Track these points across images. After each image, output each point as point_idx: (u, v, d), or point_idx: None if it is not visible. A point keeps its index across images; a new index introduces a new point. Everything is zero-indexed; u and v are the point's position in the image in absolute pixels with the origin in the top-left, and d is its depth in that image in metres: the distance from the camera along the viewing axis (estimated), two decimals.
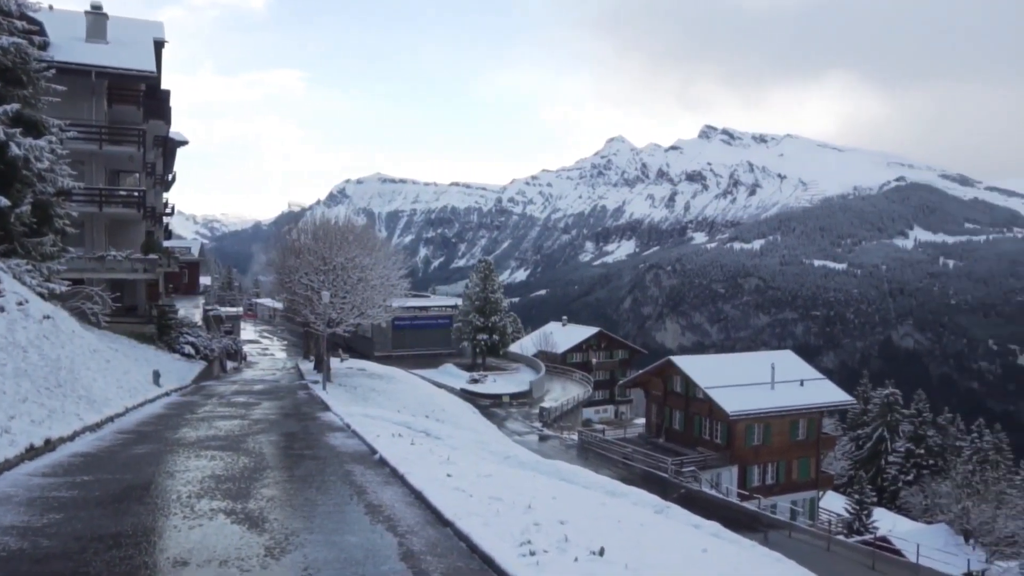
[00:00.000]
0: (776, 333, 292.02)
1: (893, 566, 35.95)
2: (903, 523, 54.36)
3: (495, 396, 63.76)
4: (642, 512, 11.89)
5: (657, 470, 45.20)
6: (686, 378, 50.33)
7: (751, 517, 40.16)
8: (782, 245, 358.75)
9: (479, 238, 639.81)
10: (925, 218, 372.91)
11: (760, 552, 12.00)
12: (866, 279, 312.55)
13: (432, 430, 22.45)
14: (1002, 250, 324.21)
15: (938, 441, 71.47)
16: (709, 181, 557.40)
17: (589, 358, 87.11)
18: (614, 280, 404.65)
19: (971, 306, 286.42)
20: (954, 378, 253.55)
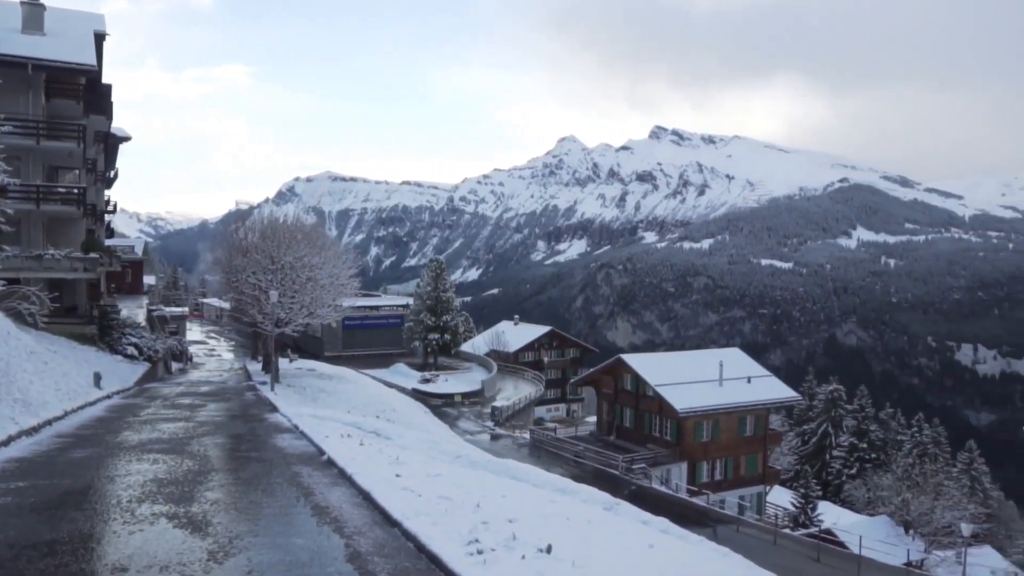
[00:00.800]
0: (725, 331, 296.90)
1: (837, 558, 36.80)
2: (847, 516, 55.60)
3: (447, 396, 63.48)
4: (591, 509, 11.96)
5: (608, 467, 45.52)
6: (636, 376, 50.82)
7: (700, 512, 40.72)
8: (730, 245, 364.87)
9: (431, 237, 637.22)
10: (867, 218, 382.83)
11: (707, 547, 12.16)
12: (811, 278, 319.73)
13: (382, 430, 22.27)
14: (940, 250, 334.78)
15: (880, 435, 73.44)
16: (659, 181, 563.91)
17: (541, 357, 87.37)
18: (566, 279, 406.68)
19: (911, 304, 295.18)
20: (895, 374, 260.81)
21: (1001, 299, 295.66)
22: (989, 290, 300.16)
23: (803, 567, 33.17)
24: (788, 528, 46.75)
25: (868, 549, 37.27)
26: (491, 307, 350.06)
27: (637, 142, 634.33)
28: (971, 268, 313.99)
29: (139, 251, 66.88)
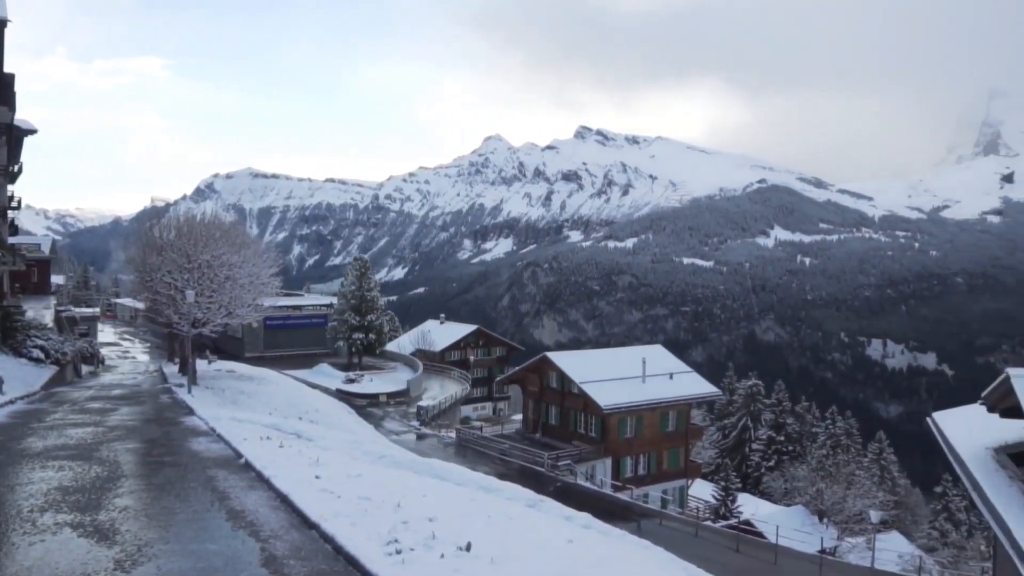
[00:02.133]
0: (648, 328, 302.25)
1: (755, 547, 37.85)
2: (765, 506, 57.32)
3: (372, 396, 62.82)
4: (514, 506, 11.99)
5: (534, 465, 45.74)
6: (562, 374, 51.21)
7: (624, 507, 41.31)
8: (654, 243, 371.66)
9: (355, 235, 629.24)
10: (784, 218, 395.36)
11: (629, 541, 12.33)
12: (731, 276, 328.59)
13: (304, 432, 21.88)
14: (852, 249, 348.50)
15: (796, 428, 75.98)
16: (584, 181, 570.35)
17: (467, 356, 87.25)
18: (492, 278, 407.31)
19: (825, 301, 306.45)
20: (811, 369, 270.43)
21: (908, 296, 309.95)
22: (897, 287, 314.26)
23: (723, 558, 33.99)
24: (709, 520, 47.87)
25: (784, 538, 38.45)
26: (417, 306, 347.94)
27: (563, 142, 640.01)
28: (880, 266, 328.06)
29: (46, 249, 63.97)
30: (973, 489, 15.88)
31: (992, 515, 14.20)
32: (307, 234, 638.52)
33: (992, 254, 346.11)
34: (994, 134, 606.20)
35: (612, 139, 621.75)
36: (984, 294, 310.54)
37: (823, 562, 36.56)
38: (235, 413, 24.82)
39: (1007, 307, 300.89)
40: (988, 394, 16.65)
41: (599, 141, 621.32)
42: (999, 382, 15.64)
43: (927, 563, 45.27)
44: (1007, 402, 15.46)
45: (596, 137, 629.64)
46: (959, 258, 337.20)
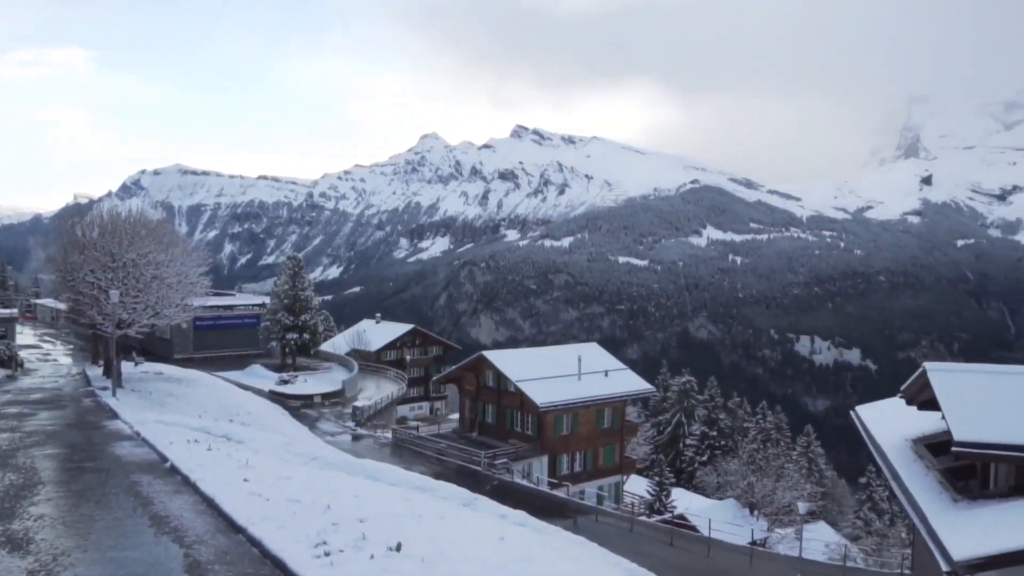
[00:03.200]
0: (585, 327, 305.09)
1: (689, 541, 38.52)
2: (699, 500, 58.35)
3: (306, 397, 61.84)
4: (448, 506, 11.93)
5: (471, 464, 45.63)
6: (498, 372, 51.21)
7: (560, 504, 41.54)
8: (590, 243, 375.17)
9: (289, 234, 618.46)
10: (716, 218, 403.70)
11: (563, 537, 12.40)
12: (665, 275, 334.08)
13: (234, 434, 21.39)
14: (781, 248, 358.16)
15: (728, 423, 77.66)
16: (521, 180, 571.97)
17: (404, 355, 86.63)
18: (429, 277, 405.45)
19: (756, 299, 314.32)
20: (742, 365, 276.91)
21: (834, 294, 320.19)
22: (824, 285, 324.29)
23: (657, 552, 34.50)
24: (644, 515, 48.54)
25: (717, 531, 39.20)
26: (353, 306, 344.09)
27: (499, 141, 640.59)
28: (808, 265, 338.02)
29: None
30: (892, 479, 16.47)
31: (909, 503, 14.75)
32: (239, 232, 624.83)
33: (912, 253, 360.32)
34: (914, 138, 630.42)
35: (548, 139, 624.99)
36: (905, 292, 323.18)
37: (753, 553, 37.42)
38: (162, 416, 24.11)
39: (925, 304, 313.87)
40: (906, 388, 17.31)
41: (536, 140, 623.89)
42: (916, 376, 16.28)
43: (852, 551, 46.74)
44: (924, 395, 16.11)
45: (533, 136, 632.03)
46: (881, 257, 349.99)
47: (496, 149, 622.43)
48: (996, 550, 11.22)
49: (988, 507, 13.10)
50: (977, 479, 15.56)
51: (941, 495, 14.26)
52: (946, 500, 13.97)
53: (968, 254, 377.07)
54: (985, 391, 14.32)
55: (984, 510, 13.03)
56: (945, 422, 13.85)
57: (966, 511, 13.23)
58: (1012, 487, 13.54)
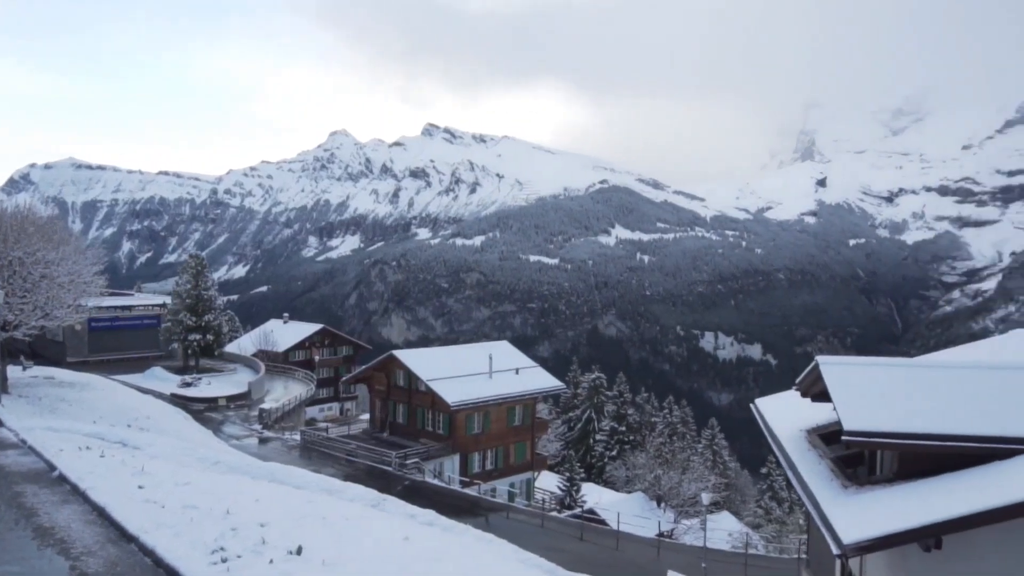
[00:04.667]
0: (497, 325, 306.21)
1: (598, 535, 39.21)
2: (608, 495, 59.43)
3: (210, 399, 60.16)
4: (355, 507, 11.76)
5: (382, 464, 45.27)
6: (409, 372, 50.93)
7: (472, 502, 41.65)
8: (501, 241, 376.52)
9: (192, 232, 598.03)
10: (624, 217, 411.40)
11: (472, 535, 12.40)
12: (575, 273, 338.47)
13: (130, 440, 20.52)
14: (686, 247, 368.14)
15: (637, 418, 79.32)
16: (432, 178, 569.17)
17: (312, 356, 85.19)
18: (339, 276, 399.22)
19: (662, 297, 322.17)
20: (650, 361, 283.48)
21: (736, 291, 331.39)
22: (727, 283, 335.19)
23: (568, 546, 34.97)
24: (555, 511, 49.11)
25: (625, 524, 40.05)
26: (260, 305, 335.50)
27: (410, 139, 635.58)
28: (712, 264, 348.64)
29: None
30: (788, 468, 17.14)
31: (803, 490, 15.38)
32: (138, 230, 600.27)
33: (808, 252, 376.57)
34: (810, 141, 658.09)
35: (460, 137, 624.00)
36: (802, 289, 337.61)
37: (660, 545, 38.39)
38: (52, 423, 22.91)
39: (821, 300, 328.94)
40: (800, 381, 18.04)
41: (447, 139, 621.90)
42: (809, 370, 16.98)
43: (753, 539, 48.56)
44: (817, 387, 16.81)
45: (444, 135, 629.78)
46: (780, 256, 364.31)
47: (407, 147, 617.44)
48: (880, 533, 11.81)
49: (874, 492, 13.78)
50: (865, 466, 16.38)
51: (832, 482, 14.92)
52: (837, 487, 14.62)
53: (859, 253, 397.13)
54: (872, 382, 15.05)
55: (871, 495, 13.70)
56: (836, 413, 14.48)
57: (854, 497, 13.89)
58: (896, 473, 14.28)
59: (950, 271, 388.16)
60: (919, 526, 11.72)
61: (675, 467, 56.88)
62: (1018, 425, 13.49)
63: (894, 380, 15.25)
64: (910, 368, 16.25)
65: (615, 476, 64.11)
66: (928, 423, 13.72)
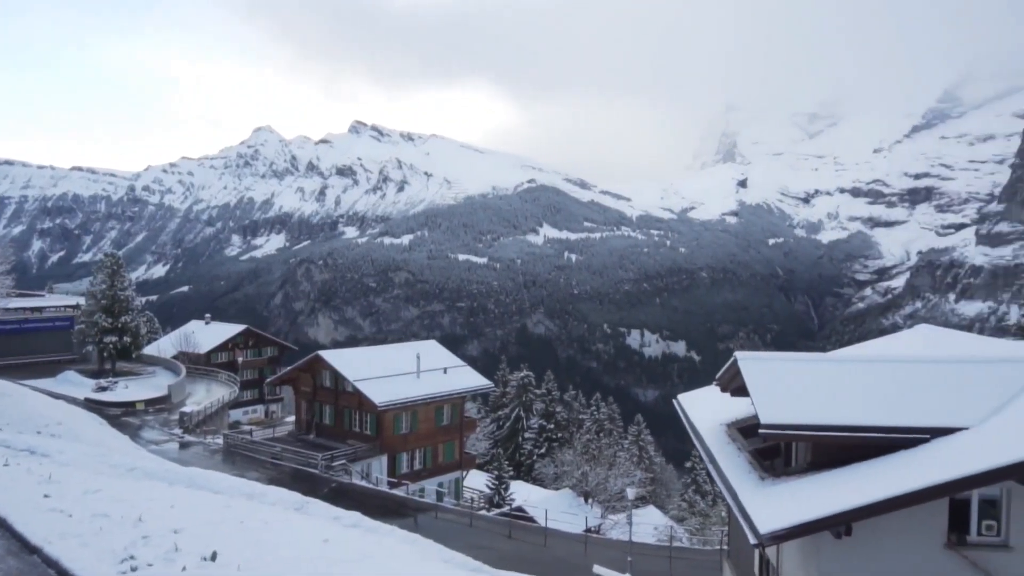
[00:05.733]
0: (426, 324, 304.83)
1: (527, 532, 39.40)
2: (537, 492, 59.69)
3: (127, 404, 58.30)
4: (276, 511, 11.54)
5: (308, 467, 44.55)
6: (335, 372, 50.24)
7: (400, 503, 41.37)
8: (429, 240, 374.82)
9: (108, 230, 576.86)
10: (552, 216, 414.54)
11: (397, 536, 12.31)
12: (504, 272, 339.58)
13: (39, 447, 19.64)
14: (613, 246, 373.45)
15: (565, 416, 79.99)
16: (359, 176, 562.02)
17: (236, 357, 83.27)
18: (263, 275, 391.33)
19: (590, 295, 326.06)
20: (578, 359, 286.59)
21: (661, 289, 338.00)
22: (652, 281, 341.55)
23: (496, 544, 35.05)
24: (484, 509, 49.13)
25: (553, 521, 40.32)
26: (180, 306, 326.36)
27: (337, 136, 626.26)
28: (638, 262, 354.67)
29: None
30: (709, 461, 17.60)
31: (723, 483, 15.81)
32: (50, 228, 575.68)
33: (730, 251, 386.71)
34: (731, 143, 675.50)
35: (387, 135, 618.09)
36: (724, 287, 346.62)
37: (588, 540, 38.81)
38: None
39: (742, 298, 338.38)
40: (720, 376, 18.55)
41: (374, 137, 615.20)
42: (728, 366, 17.48)
43: (678, 532, 49.50)
44: (736, 382, 17.31)
45: (371, 132, 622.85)
46: (703, 254, 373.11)
47: (334, 144, 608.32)
48: (794, 522, 12.25)
49: (790, 483, 14.28)
50: (782, 458, 16.94)
51: (750, 474, 15.40)
52: (755, 479, 15.09)
53: (778, 252, 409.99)
54: (788, 377, 15.58)
55: (786, 486, 14.19)
56: (754, 407, 14.94)
57: (771, 487, 14.35)
58: (810, 463, 14.82)
59: (862, 269, 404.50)
60: (830, 514, 12.20)
61: (602, 463, 57.58)
62: (921, 415, 14.16)
63: (808, 375, 15.81)
64: (823, 363, 16.88)
65: (544, 473, 64.50)
66: (839, 415, 14.28)
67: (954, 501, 12.93)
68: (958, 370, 15.44)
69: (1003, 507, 13.03)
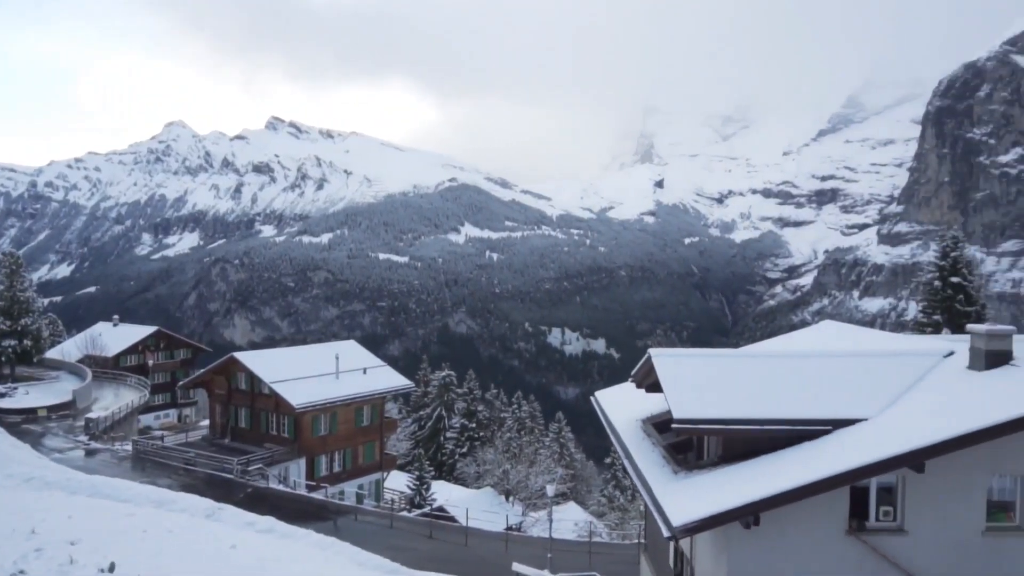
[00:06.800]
0: (346, 324, 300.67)
1: (448, 532, 39.30)
2: (459, 491, 59.62)
3: (28, 411, 55.74)
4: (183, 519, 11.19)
5: (223, 472, 43.38)
6: (251, 374, 49.03)
7: (319, 506, 40.71)
8: (349, 239, 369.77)
9: (7, 228, 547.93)
10: (474, 215, 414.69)
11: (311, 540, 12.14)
12: (426, 271, 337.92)
13: None
14: (534, 245, 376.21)
15: (487, 415, 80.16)
16: (277, 173, 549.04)
17: (146, 360, 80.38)
18: (176, 275, 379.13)
19: (511, 294, 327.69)
20: (500, 357, 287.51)
21: (581, 288, 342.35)
22: (572, 280, 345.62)
23: (416, 545, 34.85)
24: (405, 510, 48.78)
25: (474, 520, 40.35)
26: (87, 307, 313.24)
27: (253, 132, 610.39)
28: (559, 261, 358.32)
29: None
30: (625, 456, 17.91)
31: (638, 477, 16.12)
32: None
33: (647, 250, 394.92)
34: (649, 144, 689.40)
35: (306, 132, 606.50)
36: (642, 285, 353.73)
37: (508, 538, 38.97)
38: None
39: (660, 296, 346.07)
40: (635, 373, 18.91)
41: (292, 133, 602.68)
42: (643, 362, 17.84)
43: (598, 527, 50.25)
44: (650, 379, 17.67)
45: (289, 129, 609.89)
46: (622, 253, 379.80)
47: (250, 141, 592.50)
48: (705, 514, 12.59)
49: (701, 476, 14.66)
50: (694, 451, 17.38)
51: (664, 468, 15.74)
52: (668, 473, 15.43)
53: (694, 251, 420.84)
54: (699, 373, 15.99)
55: (698, 479, 14.57)
56: (667, 402, 15.28)
57: (684, 481, 14.71)
58: (721, 456, 15.25)
59: (773, 268, 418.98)
60: (739, 505, 12.58)
61: (523, 461, 57.97)
62: (824, 408, 14.76)
63: (719, 370, 16.26)
64: (733, 359, 17.39)
65: (465, 473, 64.51)
66: (747, 409, 14.75)
67: (854, 489, 13.51)
68: (858, 364, 16.15)
69: (899, 493, 13.69)
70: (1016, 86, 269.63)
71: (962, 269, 38.34)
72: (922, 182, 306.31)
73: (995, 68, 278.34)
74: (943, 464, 13.06)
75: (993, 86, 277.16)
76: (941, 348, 16.77)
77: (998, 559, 13.52)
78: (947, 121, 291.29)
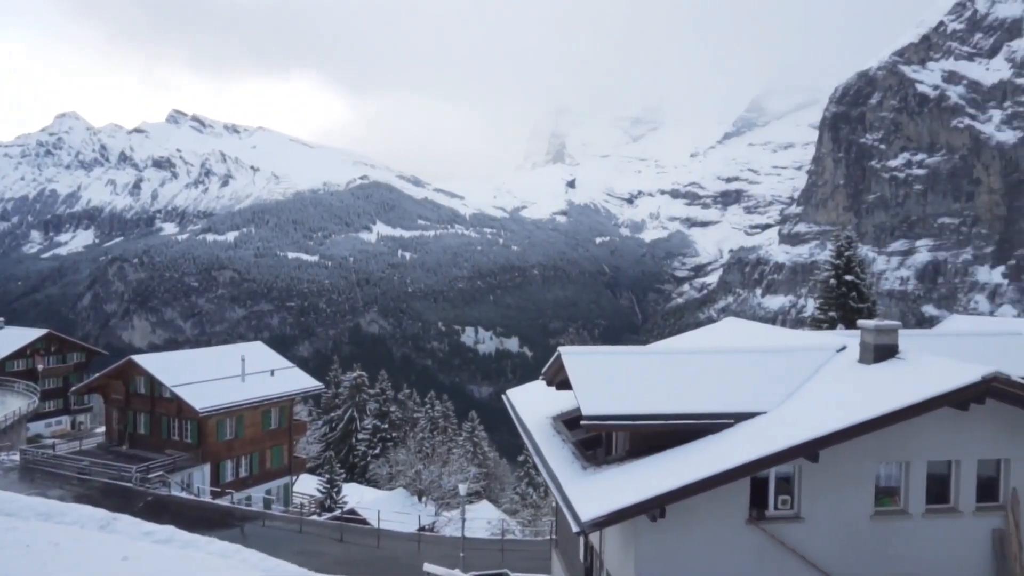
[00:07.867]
0: (253, 325, 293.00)
1: (359, 535, 38.75)
2: (371, 493, 59.00)
3: None
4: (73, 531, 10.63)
5: (120, 480, 41.61)
6: (151, 378, 47.13)
7: (225, 513, 39.55)
8: (256, 237, 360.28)
9: None
10: (386, 214, 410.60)
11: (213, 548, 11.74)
12: (336, 270, 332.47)
13: None
14: (447, 244, 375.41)
15: (400, 415, 79.45)
16: (179, 169, 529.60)
17: (36, 364, 76.18)
18: (69, 275, 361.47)
19: (424, 293, 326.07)
20: (413, 357, 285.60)
21: (495, 287, 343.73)
22: (485, 279, 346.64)
23: (326, 549, 34.26)
24: (315, 514, 47.90)
25: (387, 521, 39.98)
26: None
27: (153, 125, 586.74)
28: (472, 260, 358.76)
29: None
30: (535, 453, 18.04)
31: (548, 473, 16.26)
32: None
33: (560, 249, 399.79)
34: (560, 145, 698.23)
35: (210, 126, 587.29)
36: (555, 284, 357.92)
37: (421, 539, 38.78)
38: None
39: (572, 295, 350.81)
40: (546, 371, 19.05)
41: (195, 127, 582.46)
42: (553, 360, 17.98)
43: (511, 525, 50.50)
44: (560, 376, 17.83)
45: (192, 123, 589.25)
46: (535, 252, 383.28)
47: (150, 134, 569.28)
48: (612, 508, 12.79)
49: (610, 471, 14.90)
50: (603, 447, 17.64)
51: (574, 464, 15.93)
52: (577, 468, 15.63)
53: (605, 250, 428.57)
54: (608, 370, 16.24)
55: (606, 474, 14.80)
56: (577, 399, 15.46)
57: (593, 476, 14.92)
58: (628, 451, 15.53)
59: (681, 267, 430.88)
60: (646, 499, 12.84)
61: (436, 461, 57.75)
62: (726, 402, 15.23)
63: (626, 367, 16.55)
64: (640, 356, 17.73)
65: (378, 474, 63.83)
66: (653, 405, 15.08)
67: (755, 480, 13.98)
68: (758, 359, 16.73)
69: (796, 483, 14.25)
70: (904, 95, 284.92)
71: (855, 268, 40.24)
72: (819, 184, 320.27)
73: (885, 77, 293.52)
74: (836, 453, 13.66)
75: (883, 94, 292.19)
76: (834, 343, 17.54)
77: (885, 541, 14.25)
78: (842, 127, 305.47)
